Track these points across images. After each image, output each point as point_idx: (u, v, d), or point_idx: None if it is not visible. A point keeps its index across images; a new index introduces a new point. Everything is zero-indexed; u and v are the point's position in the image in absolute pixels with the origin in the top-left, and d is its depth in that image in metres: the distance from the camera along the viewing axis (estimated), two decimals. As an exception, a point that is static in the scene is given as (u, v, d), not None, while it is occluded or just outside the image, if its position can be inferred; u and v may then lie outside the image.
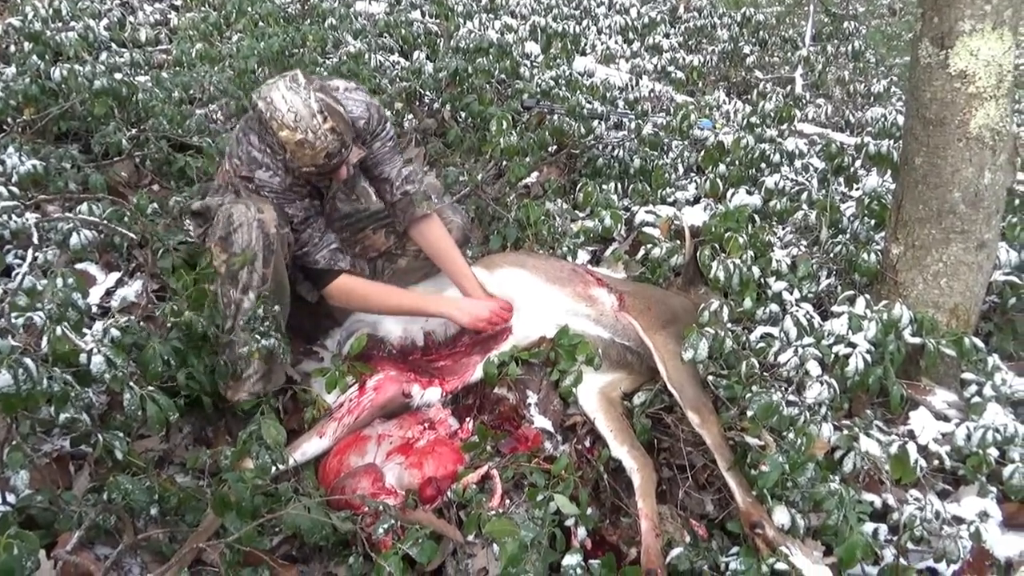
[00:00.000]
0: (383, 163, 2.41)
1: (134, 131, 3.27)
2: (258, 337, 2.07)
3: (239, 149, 2.19)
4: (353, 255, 2.49)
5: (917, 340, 2.16)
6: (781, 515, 1.83)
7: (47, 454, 1.88)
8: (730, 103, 4.77)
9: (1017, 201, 2.98)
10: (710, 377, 2.15)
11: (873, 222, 2.96)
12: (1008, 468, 1.98)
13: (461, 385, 2.26)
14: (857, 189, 3.49)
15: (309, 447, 2.09)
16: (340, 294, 2.30)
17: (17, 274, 2.27)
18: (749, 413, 1.94)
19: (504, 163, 3.50)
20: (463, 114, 3.95)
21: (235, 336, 2.13)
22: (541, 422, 2.19)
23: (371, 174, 2.45)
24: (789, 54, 6.21)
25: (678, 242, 2.94)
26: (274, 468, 1.84)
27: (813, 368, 2.08)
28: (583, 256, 3.15)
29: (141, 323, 2.08)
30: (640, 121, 3.96)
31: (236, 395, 2.19)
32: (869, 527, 1.86)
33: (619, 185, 3.64)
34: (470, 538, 1.84)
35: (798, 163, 3.70)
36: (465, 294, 2.43)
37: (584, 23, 5.96)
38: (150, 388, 1.82)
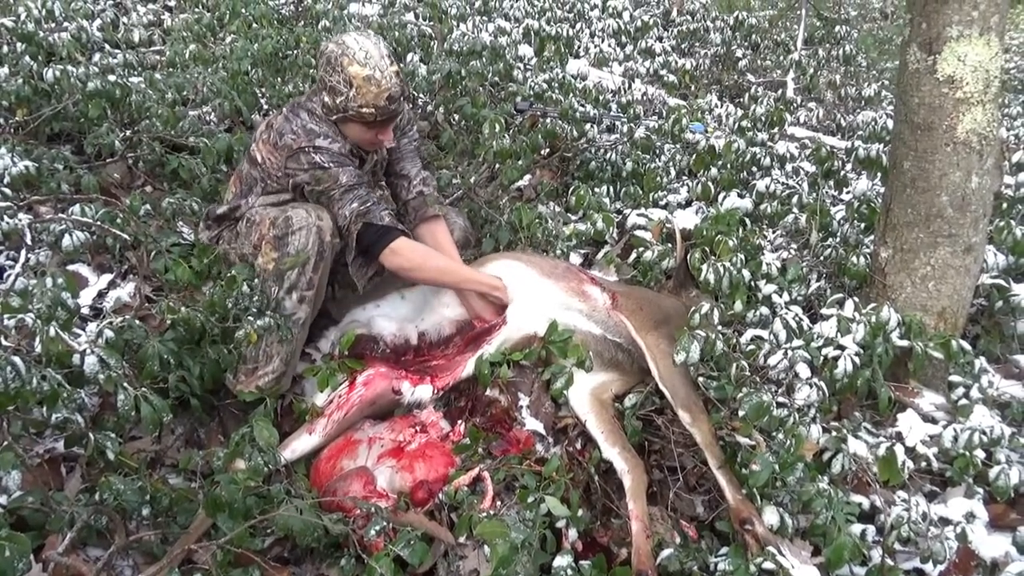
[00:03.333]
0: (405, 159, 2.54)
1: (127, 132, 3.27)
2: (251, 318, 2.09)
3: (291, 126, 2.25)
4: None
5: (905, 343, 2.18)
6: (770, 515, 1.85)
7: (39, 455, 1.89)
8: (722, 107, 4.79)
9: (1004, 205, 3.01)
10: (700, 379, 2.16)
11: (863, 225, 2.98)
12: (994, 469, 2.00)
13: (452, 382, 2.26)
14: (847, 193, 3.52)
15: (299, 444, 2.10)
16: (405, 250, 2.28)
17: (9, 275, 2.27)
18: (740, 413, 1.96)
19: (497, 166, 3.51)
20: (456, 117, 3.96)
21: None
22: (532, 424, 2.20)
23: (391, 169, 2.55)
24: (781, 58, 6.25)
25: (669, 245, 2.96)
26: (267, 469, 1.85)
27: (802, 370, 2.10)
28: (575, 259, 3.16)
29: (138, 322, 2.08)
30: (632, 124, 3.98)
31: (246, 387, 2.21)
32: (857, 528, 1.88)
33: (611, 188, 3.65)
34: (461, 539, 1.85)
35: (789, 167, 3.73)
36: (462, 297, 2.46)
37: (577, 26, 5.97)
38: (144, 388, 1.82)
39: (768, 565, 1.70)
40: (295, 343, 2.26)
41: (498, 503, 1.95)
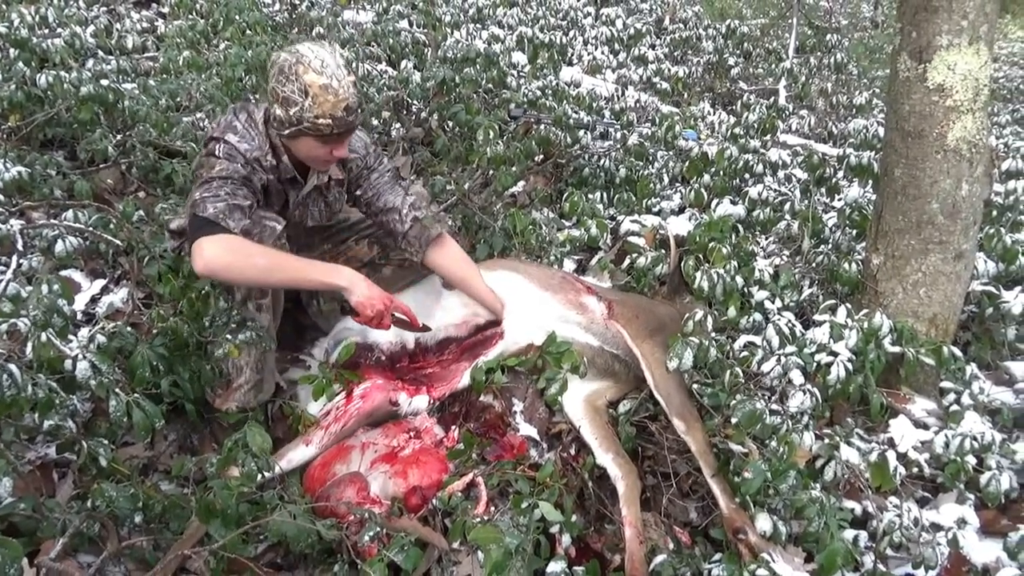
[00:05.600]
0: (385, 193, 2.40)
1: (120, 138, 3.27)
2: (229, 337, 2.08)
3: (223, 119, 2.15)
4: None
5: (897, 349, 2.20)
6: (763, 522, 1.86)
7: (31, 461, 1.87)
8: (715, 114, 4.83)
9: (995, 212, 3.04)
10: (695, 386, 2.17)
11: (854, 232, 3.00)
12: (985, 475, 2.01)
13: (448, 392, 2.26)
14: (839, 200, 3.54)
15: (295, 455, 2.08)
16: (214, 248, 1.93)
17: (1, 281, 2.26)
18: (734, 420, 1.97)
19: (491, 172, 3.52)
20: (450, 123, 3.97)
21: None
22: (527, 430, 2.20)
23: (374, 207, 2.42)
24: (773, 66, 6.29)
25: (663, 251, 2.97)
26: (260, 476, 1.84)
27: (796, 377, 2.11)
28: (569, 265, 3.17)
29: (129, 328, 2.07)
30: (626, 131, 4.00)
31: (225, 404, 2.19)
32: (849, 534, 1.88)
33: (605, 194, 3.67)
34: (455, 545, 1.85)
35: (781, 174, 3.75)
36: (494, 313, 2.43)
37: (571, 34, 6.01)
38: (136, 395, 1.82)
39: (761, 572, 1.71)
40: (261, 349, 2.19)
41: (492, 509, 1.94)
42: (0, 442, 1.66)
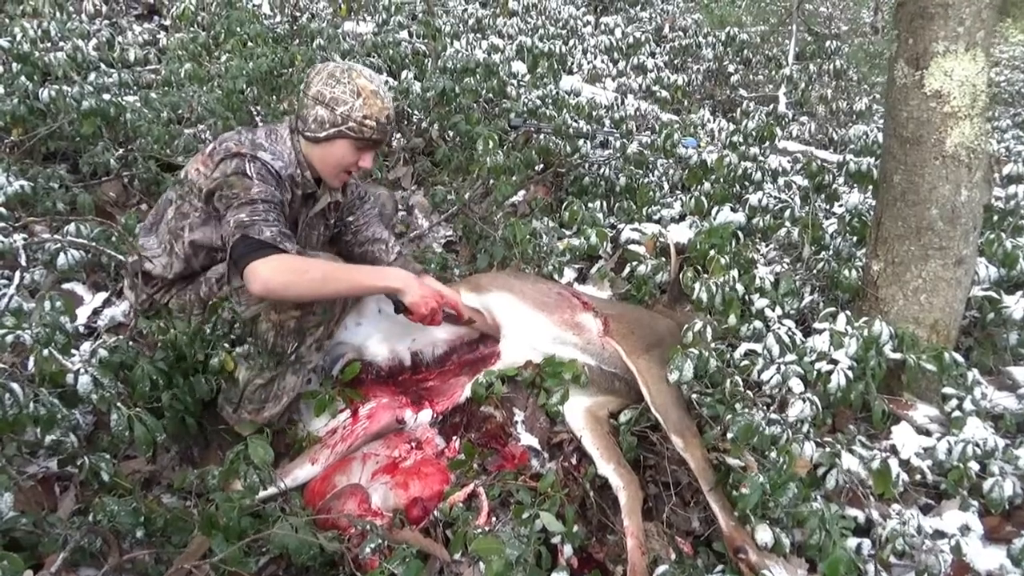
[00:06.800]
0: (373, 224, 2.55)
1: (122, 151, 3.28)
2: (227, 346, 2.08)
3: (239, 137, 2.15)
4: None
5: (898, 356, 2.19)
6: (764, 534, 1.85)
7: (32, 476, 1.88)
8: (715, 121, 4.83)
9: (995, 217, 3.03)
10: (694, 396, 2.17)
11: (854, 239, 3.00)
12: (988, 482, 2.01)
13: (451, 406, 2.27)
14: (839, 206, 3.55)
15: (301, 473, 2.08)
16: (271, 267, 1.92)
17: (3, 295, 2.27)
18: (730, 435, 1.96)
19: (491, 182, 3.53)
20: (451, 133, 3.98)
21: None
22: (528, 440, 2.20)
23: (362, 236, 2.53)
24: (773, 73, 6.31)
25: (663, 259, 2.97)
26: (263, 490, 1.84)
27: (795, 385, 2.10)
28: (569, 274, 3.18)
29: (130, 343, 2.08)
30: (626, 140, 4.01)
31: (245, 419, 2.16)
32: (852, 542, 1.88)
33: (605, 203, 3.67)
34: (456, 556, 1.85)
35: (781, 181, 3.75)
36: (482, 329, 2.49)
37: (570, 43, 6.03)
38: (137, 408, 1.82)
39: (764, 584, 1.71)
40: (303, 384, 2.24)
41: (493, 519, 1.94)
42: (2, 457, 1.66)
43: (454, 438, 2.20)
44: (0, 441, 1.67)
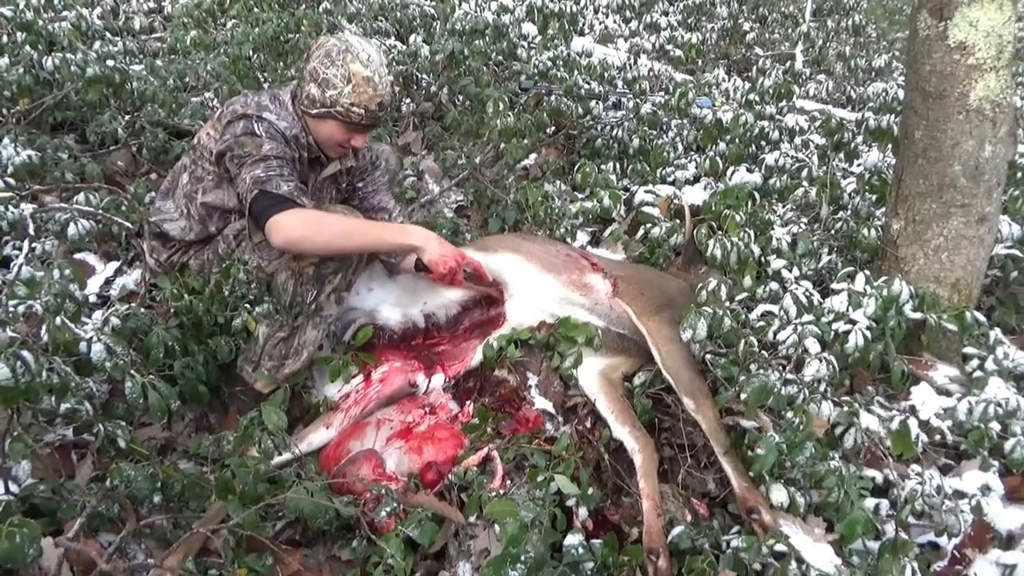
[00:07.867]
0: (381, 192, 2.56)
1: (129, 119, 3.26)
2: (248, 307, 2.08)
3: (245, 99, 2.16)
4: None
5: (918, 315, 2.15)
6: (778, 494, 1.83)
7: (49, 444, 1.89)
8: (730, 81, 4.73)
9: (1019, 174, 2.96)
10: (708, 356, 2.14)
11: (874, 197, 2.94)
12: (1010, 442, 1.98)
13: (463, 370, 2.27)
14: (858, 165, 3.47)
15: (316, 437, 2.09)
16: (293, 221, 1.96)
17: (15, 265, 2.27)
18: (743, 396, 1.94)
19: (502, 145, 3.48)
20: (460, 97, 3.93)
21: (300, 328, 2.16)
22: (542, 403, 2.19)
23: (368, 203, 2.54)
24: (789, 30, 6.17)
25: (678, 221, 2.93)
26: (278, 455, 1.85)
27: (812, 345, 2.07)
28: (583, 237, 3.14)
29: (143, 310, 2.08)
30: (639, 100, 3.93)
31: (265, 376, 2.17)
32: (870, 502, 1.86)
33: (618, 165, 3.62)
34: (472, 519, 1.85)
35: (798, 140, 3.68)
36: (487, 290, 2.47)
37: (581, 3, 5.90)
38: (151, 376, 1.82)
39: (780, 547, 1.69)
40: (322, 338, 2.24)
41: (508, 482, 1.94)
42: (19, 425, 1.67)
43: (468, 403, 2.20)
44: (17, 410, 1.68)
